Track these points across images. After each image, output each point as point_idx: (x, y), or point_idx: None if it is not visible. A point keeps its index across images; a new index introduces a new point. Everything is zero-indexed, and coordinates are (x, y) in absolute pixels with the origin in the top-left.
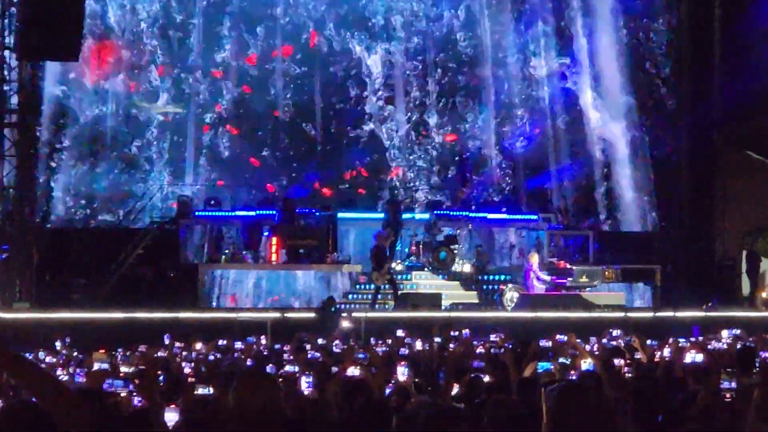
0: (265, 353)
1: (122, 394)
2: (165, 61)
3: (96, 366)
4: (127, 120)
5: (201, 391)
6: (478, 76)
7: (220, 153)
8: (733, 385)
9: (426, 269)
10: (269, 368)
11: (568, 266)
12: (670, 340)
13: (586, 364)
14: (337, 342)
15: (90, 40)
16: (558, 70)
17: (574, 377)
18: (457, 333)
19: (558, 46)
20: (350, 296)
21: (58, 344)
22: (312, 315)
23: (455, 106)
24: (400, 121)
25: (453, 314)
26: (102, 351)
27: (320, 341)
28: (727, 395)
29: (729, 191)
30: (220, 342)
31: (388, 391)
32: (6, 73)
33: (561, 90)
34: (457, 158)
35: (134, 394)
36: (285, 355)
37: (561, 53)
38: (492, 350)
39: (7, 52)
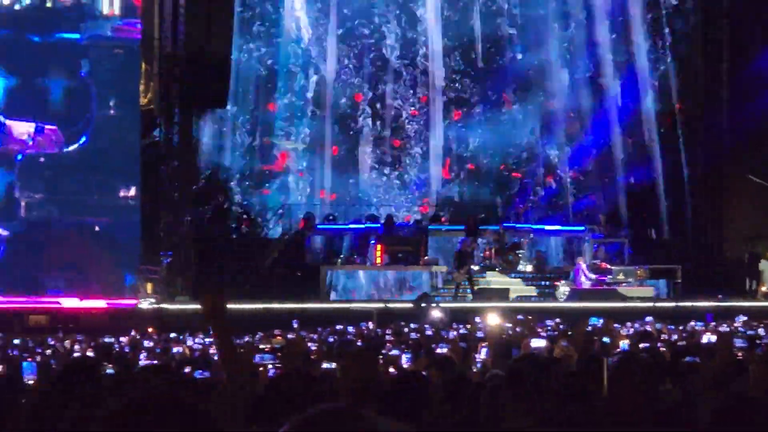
0: (372, 336)
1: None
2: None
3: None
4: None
5: (325, 365)
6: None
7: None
8: (746, 344)
9: (497, 269)
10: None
11: (608, 267)
12: (689, 325)
13: (623, 344)
14: (427, 326)
15: None
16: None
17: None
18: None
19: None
20: (439, 291)
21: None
22: (410, 306)
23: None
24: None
25: (518, 305)
26: (279, 337)
27: (413, 326)
28: (739, 354)
29: (734, 206)
30: (338, 327)
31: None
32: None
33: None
34: (519, 182)
35: (274, 365)
36: (387, 337)
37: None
38: (549, 332)
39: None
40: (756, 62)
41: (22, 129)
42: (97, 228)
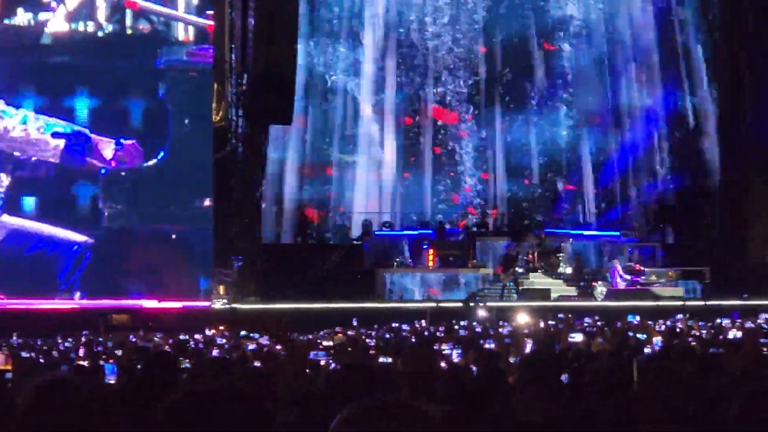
0: (424, 333)
1: (322, 362)
2: None
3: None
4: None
5: (381, 359)
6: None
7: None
8: None
9: (539, 271)
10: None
11: (642, 268)
12: (717, 322)
13: (656, 340)
14: (476, 324)
15: None
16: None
17: (648, 349)
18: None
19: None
20: (485, 291)
21: (282, 324)
22: (459, 305)
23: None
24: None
25: (559, 303)
26: (340, 334)
27: (463, 323)
28: (765, 349)
29: (756, 212)
30: (393, 324)
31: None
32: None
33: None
34: (555, 194)
35: (330, 361)
36: (438, 334)
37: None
38: (587, 329)
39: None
40: None
41: (106, 145)
42: (173, 236)
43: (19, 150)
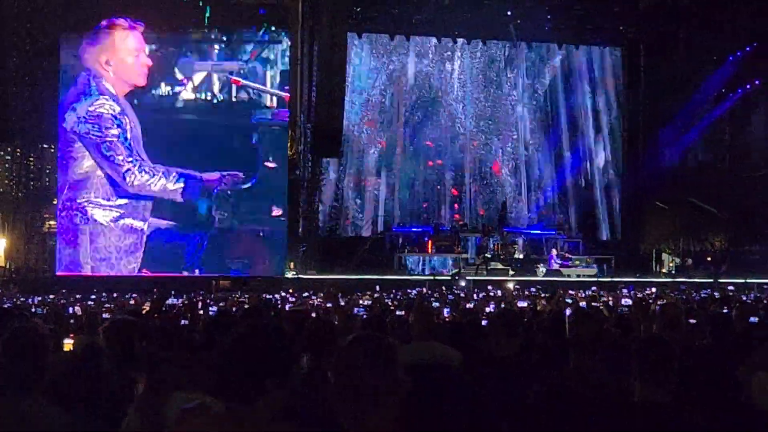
0: (425, 296)
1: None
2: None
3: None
4: None
5: (398, 313)
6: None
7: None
8: (657, 308)
9: (501, 257)
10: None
11: (569, 256)
12: (616, 292)
13: (581, 303)
14: (459, 291)
15: None
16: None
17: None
18: (519, 287)
19: None
20: (465, 269)
21: (332, 290)
22: (448, 278)
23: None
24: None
25: (515, 278)
26: (368, 295)
27: (453, 290)
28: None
29: (647, 220)
30: (405, 290)
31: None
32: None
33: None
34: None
35: (364, 315)
36: (433, 297)
37: None
38: (532, 294)
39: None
40: (660, 136)
41: (215, 176)
42: (261, 233)
43: (156, 194)
